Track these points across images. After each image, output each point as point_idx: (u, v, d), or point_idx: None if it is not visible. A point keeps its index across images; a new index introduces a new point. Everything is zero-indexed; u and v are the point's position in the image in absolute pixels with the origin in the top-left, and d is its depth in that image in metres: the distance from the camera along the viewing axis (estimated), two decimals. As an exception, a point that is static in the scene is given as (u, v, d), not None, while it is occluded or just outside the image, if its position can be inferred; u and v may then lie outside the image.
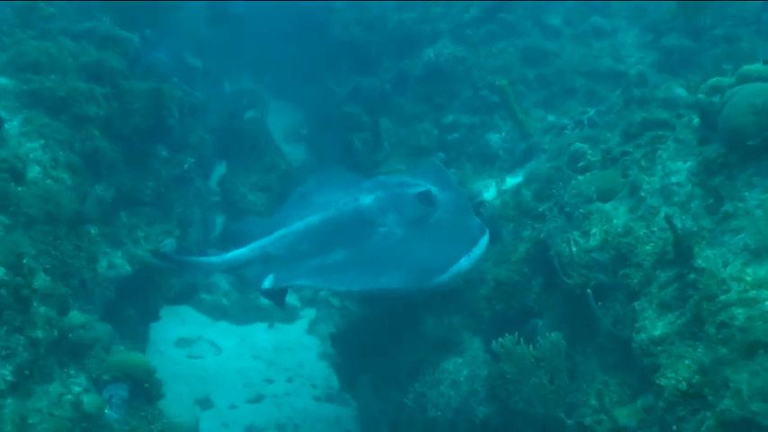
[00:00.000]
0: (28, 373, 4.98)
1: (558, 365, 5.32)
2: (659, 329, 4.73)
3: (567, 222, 5.92)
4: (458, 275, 5.95)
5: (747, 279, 4.40)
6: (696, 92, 5.94)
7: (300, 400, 8.84)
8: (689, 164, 5.45)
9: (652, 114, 6.15)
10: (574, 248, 5.62)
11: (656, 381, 4.46)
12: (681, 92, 6.42)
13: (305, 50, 13.89)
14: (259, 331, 10.23)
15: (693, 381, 4.28)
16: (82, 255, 6.22)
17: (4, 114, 6.33)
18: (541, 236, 6.11)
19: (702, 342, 4.37)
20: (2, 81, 6.87)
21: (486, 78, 9.36)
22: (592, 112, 7.69)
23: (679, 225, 4.91)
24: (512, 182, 7.31)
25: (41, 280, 5.51)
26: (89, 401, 5.28)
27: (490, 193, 7.37)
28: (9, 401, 4.81)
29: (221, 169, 11.34)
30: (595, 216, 5.75)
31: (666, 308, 4.81)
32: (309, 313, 10.56)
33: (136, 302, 7.58)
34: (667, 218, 4.91)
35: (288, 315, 10.24)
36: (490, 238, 6.41)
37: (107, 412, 5.41)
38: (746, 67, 5.43)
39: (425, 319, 6.58)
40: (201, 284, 10.25)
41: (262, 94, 12.87)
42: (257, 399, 8.75)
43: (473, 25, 10.36)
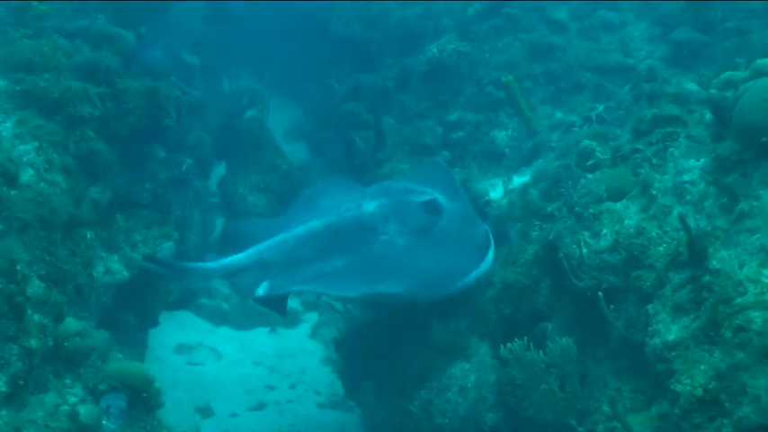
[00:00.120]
0: (22, 383, 4.90)
1: (569, 371, 5.21)
2: (673, 333, 4.63)
3: (577, 223, 5.81)
4: (457, 292, 5.97)
5: (764, 281, 4.32)
6: (708, 87, 5.85)
7: (303, 407, 8.67)
8: (702, 161, 5.36)
9: (663, 110, 6.01)
10: (584, 250, 5.52)
11: (671, 387, 4.39)
12: (692, 86, 6.30)
13: (305, 48, 13.83)
14: (260, 336, 10.06)
15: (710, 387, 4.20)
16: (77, 260, 6.14)
17: (-4, 116, 6.26)
18: (550, 237, 6.00)
19: (718, 346, 4.29)
20: (-6, 81, 6.78)
21: (492, 74, 9.22)
22: (600, 108, 7.54)
23: (693, 225, 4.80)
24: (519, 181, 7.18)
25: (35, 287, 5.43)
26: (86, 412, 5.18)
27: (497, 192, 7.23)
28: (3, 413, 4.74)
29: (220, 170, 11.20)
30: (606, 216, 5.63)
31: (681, 311, 4.71)
32: (312, 317, 10.41)
33: (134, 308, 7.47)
34: (681, 217, 4.81)
35: (290, 320, 10.09)
36: (497, 238, 6.36)
37: (104, 423, 5.31)
38: (760, 61, 5.38)
39: (431, 323, 6.46)
40: (201, 289, 10.12)
41: (262, 92, 12.75)
42: (259, 406, 8.58)
43: (477, 20, 10.22)
